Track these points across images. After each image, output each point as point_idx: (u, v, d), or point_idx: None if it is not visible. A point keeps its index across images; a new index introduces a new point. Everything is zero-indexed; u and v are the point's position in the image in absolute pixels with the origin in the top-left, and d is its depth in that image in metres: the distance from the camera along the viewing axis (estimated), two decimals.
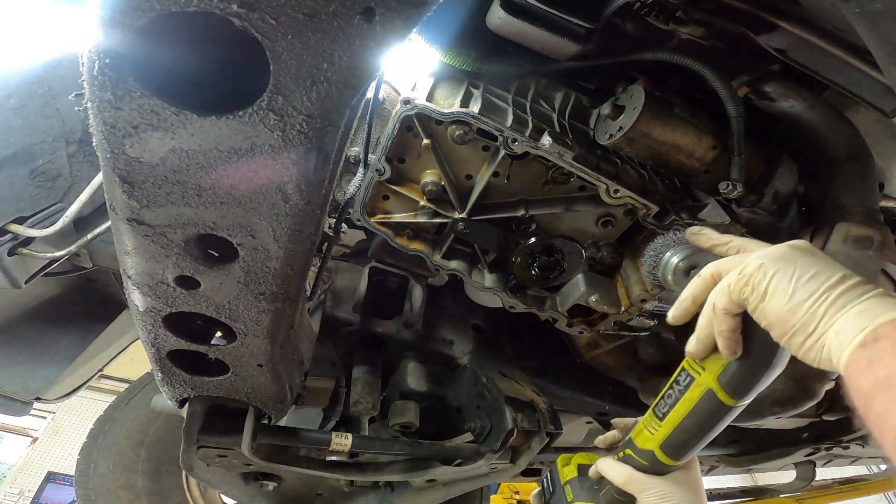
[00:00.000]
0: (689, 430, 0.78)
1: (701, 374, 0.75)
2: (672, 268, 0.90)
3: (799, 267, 0.60)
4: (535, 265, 1.21)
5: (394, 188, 1.15)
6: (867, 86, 0.94)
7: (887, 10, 0.60)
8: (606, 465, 0.88)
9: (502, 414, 1.36)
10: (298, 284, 0.82)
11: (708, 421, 0.77)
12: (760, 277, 0.62)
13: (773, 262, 0.62)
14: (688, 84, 1.11)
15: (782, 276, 0.60)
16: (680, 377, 0.80)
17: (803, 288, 0.58)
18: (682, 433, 0.79)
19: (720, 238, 0.80)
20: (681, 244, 0.90)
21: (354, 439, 1.25)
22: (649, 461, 0.83)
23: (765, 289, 0.62)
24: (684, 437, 0.79)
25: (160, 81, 0.50)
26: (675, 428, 0.79)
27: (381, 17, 0.47)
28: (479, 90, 1.06)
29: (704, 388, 0.75)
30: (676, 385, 0.80)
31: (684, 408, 0.78)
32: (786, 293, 0.60)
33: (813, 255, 0.62)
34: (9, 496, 6.52)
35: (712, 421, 0.77)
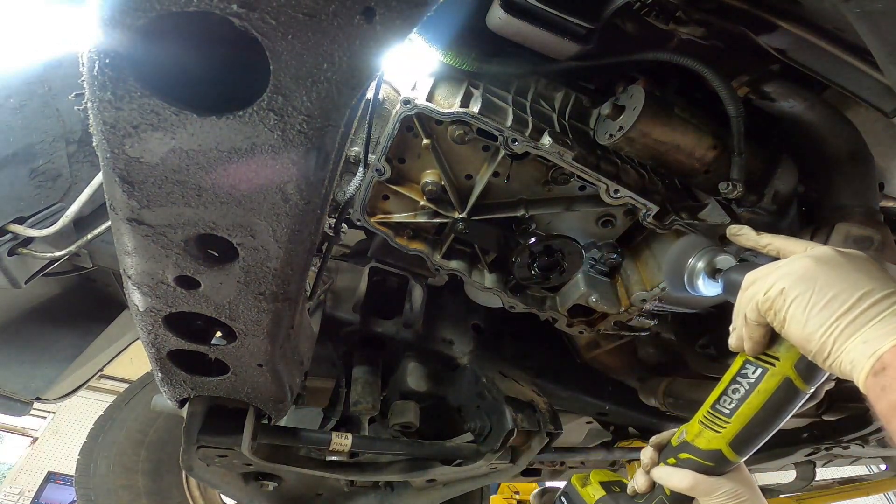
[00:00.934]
0: (762, 423, 0.78)
1: (776, 364, 0.75)
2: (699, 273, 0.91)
3: (816, 292, 0.63)
4: (535, 265, 1.21)
5: (394, 188, 1.15)
6: (867, 86, 0.94)
7: (887, 10, 0.60)
8: (665, 473, 0.85)
9: (502, 414, 1.36)
10: (298, 284, 0.82)
11: (783, 410, 0.77)
12: (780, 304, 0.67)
13: (792, 287, 0.65)
14: (688, 84, 1.11)
15: (798, 303, 0.64)
16: (746, 370, 0.79)
17: (816, 318, 0.63)
18: (754, 426, 0.78)
19: (759, 240, 0.82)
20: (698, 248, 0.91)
21: (354, 439, 1.25)
22: (715, 461, 0.81)
23: (783, 316, 0.67)
24: (756, 430, 0.78)
25: (160, 81, 0.50)
26: (747, 422, 0.78)
27: (381, 17, 0.47)
28: (479, 90, 1.06)
29: (781, 376, 0.75)
30: (743, 378, 0.79)
31: (758, 400, 0.77)
32: (801, 323, 0.64)
33: (834, 271, 0.64)
34: (9, 496, 6.52)
35: (787, 410, 0.77)
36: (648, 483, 0.88)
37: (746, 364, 0.79)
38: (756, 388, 0.77)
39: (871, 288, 0.61)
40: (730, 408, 0.79)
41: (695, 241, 0.93)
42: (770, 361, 0.76)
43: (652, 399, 1.68)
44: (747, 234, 0.85)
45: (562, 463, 1.88)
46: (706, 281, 0.88)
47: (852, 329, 0.60)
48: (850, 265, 0.65)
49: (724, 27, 0.97)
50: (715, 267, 0.89)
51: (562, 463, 1.88)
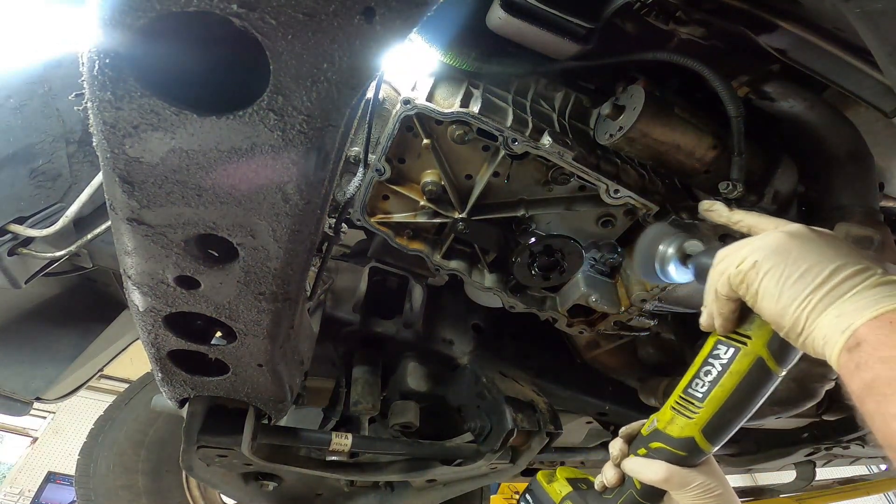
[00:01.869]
0: (735, 407, 0.74)
1: (748, 343, 0.71)
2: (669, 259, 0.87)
3: (790, 264, 0.61)
4: (535, 265, 1.21)
5: (394, 188, 1.15)
6: (867, 86, 0.94)
7: (887, 10, 0.60)
8: (637, 465, 0.81)
9: (502, 414, 1.36)
10: (298, 284, 0.82)
11: (756, 393, 0.73)
12: (753, 277, 0.64)
13: (766, 259, 0.63)
14: (688, 84, 1.11)
15: (772, 276, 0.62)
16: (717, 351, 0.75)
17: (789, 291, 0.60)
18: (727, 411, 0.74)
19: (730, 216, 0.80)
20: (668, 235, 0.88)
21: (354, 439, 1.25)
22: (688, 450, 0.77)
23: (756, 290, 0.63)
24: (729, 415, 0.74)
25: (160, 81, 0.50)
26: (720, 406, 0.74)
27: (381, 17, 0.47)
28: (479, 90, 1.06)
29: (754, 356, 0.71)
30: (715, 360, 0.75)
31: (731, 382, 0.73)
32: (774, 297, 0.61)
33: (808, 245, 0.62)
34: (9, 496, 6.52)
35: (760, 392, 0.73)
36: (618, 476, 0.85)
37: (718, 344, 0.75)
38: (728, 370, 0.73)
39: (844, 262, 0.58)
40: (702, 391, 0.75)
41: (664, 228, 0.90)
42: (742, 340, 0.72)
43: (652, 399, 1.68)
44: (719, 209, 0.83)
45: (562, 463, 1.88)
46: (677, 267, 0.85)
47: (826, 302, 0.57)
48: (823, 240, 0.63)
49: (724, 27, 0.97)
50: (685, 252, 0.85)
51: (562, 463, 1.88)
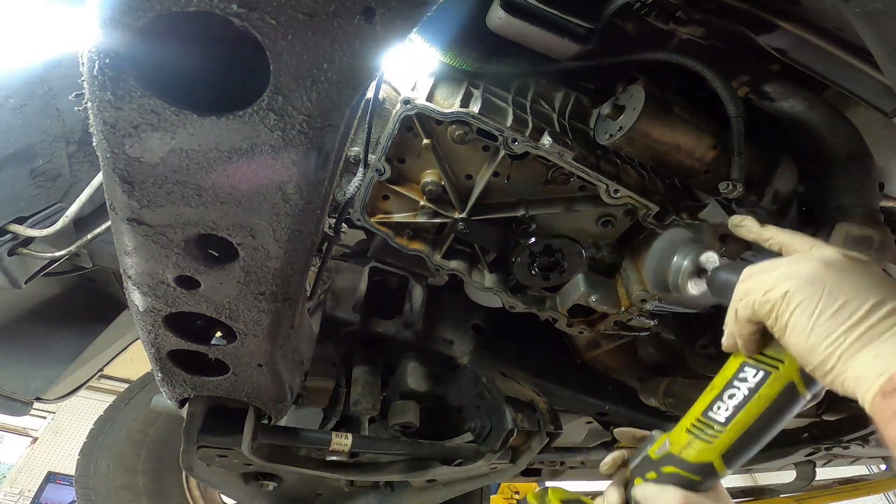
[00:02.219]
0: (759, 431, 0.70)
1: (780, 368, 0.68)
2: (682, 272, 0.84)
3: (824, 298, 0.57)
4: (535, 265, 1.21)
5: (394, 188, 1.15)
6: (867, 86, 0.94)
7: (887, 10, 0.60)
8: (650, 492, 0.75)
9: (502, 414, 1.36)
10: (298, 284, 0.82)
11: (782, 417, 0.69)
12: (783, 309, 0.60)
13: (798, 290, 0.59)
14: (688, 84, 1.11)
15: (804, 309, 0.58)
16: (744, 374, 0.71)
17: (822, 327, 0.57)
18: (751, 436, 0.70)
19: (761, 232, 0.76)
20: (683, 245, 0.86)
21: (354, 439, 1.25)
22: (703, 474, 0.73)
23: (785, 322, 0.60)
24: (753, 439, 0.71)
25: (160, 81, 0.50)
26: (744, 431, 0.70)
27: (381, 17, 0.47)
28: (479, 90, 1.06)
29: (785, 380, 0.68)
30: (741, 382, 0.71)
31: (758, 406, 0.69)
32: (804, 333, 0.58)
33: (844, 277, 0.59)
34: (9, 496, 6.52)
35: (785, 417, 0.69)
36: (622, 500, 0.80)
37: (745, 367, 0.72)
38: (757, 394, 0.69)
39: (883, 297, 0.55)
40: (725, 415, 0.71)
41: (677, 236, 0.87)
42: (773, 365, 0.69)
43: (652, 399, 1.68)
44: (749, 225, 0.78)
45: (562, 463, 1.88)
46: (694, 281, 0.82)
47: (862, 343, 0.54)
48: (860, 272, 0.59)
49: (724, 27, 0.97)
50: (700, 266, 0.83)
51: (562, 463, 1.88)
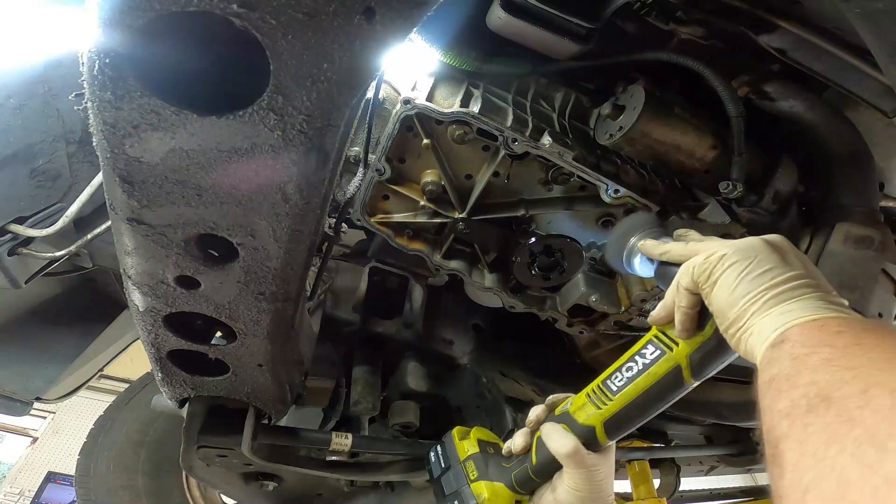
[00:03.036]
0: (640, 408, 0.75)
1: (675, 350, 0.72)
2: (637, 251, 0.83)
3: (756, 262, 0.61)
4: (535, 265, 1.21)
5: (394, 188, 1.15)
6: (867, 86, 0.94)
7: (887, 10, 0.60)
8: (554, 430, 0.81)
9: (502, 414, 1.36)
10: (298, 284, 0.82)
11: (662, 399, 0.74)
12: (717, 266, 0.63)
13: (735, 254, 0.63)
14: (688, 84, 1.11)
15: (735, 268, 0.61)
16: (646, 350, 0.75)
17: (746, 284, 0.60)
18: (632, 409, 0.75)
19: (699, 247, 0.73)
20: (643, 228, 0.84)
21: (354, 439, 1.25)
22: (586, 439, 0.78)
23: (715, 279, 0.63)
24: (632, 414, 0.76)
25: (160, 81, 0.50)
26: (628, 403, 0.75)
27: (382, 17, 0.47)
28: (480, 90, 1.06)
29: (673, 363, 0.72)
30: (640, 358, 0.75)
31: (645, 382, 0.74)
32: (729, 287, 0.61)
33: (778, 252, 0.62)
34: (9, 496, 6.51)
35: (665, 400, 0.74)
36: (525, 445, 0.86)
37: (649, 343, 0.76)
38: (648, 371, 0.74)
39: (805, 273, 0.59)
40: (618, 385, 0.76)
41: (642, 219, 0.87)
42: (669, 346, 0.73)
43: None
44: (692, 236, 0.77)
45: None
46: (643, 261, 0.83)
47: (774, 302, 0.57)
48: (795, 254, 0.63)
49: (724, 27, 0.97)
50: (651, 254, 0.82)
51: None
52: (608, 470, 0.80)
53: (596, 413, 0.78)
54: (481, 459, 0.90)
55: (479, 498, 0.86)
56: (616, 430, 0.78)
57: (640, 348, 0.77)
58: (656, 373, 0.73)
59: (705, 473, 2.83)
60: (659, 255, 0.76)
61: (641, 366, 0.75)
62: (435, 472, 0.94)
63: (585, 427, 0.78)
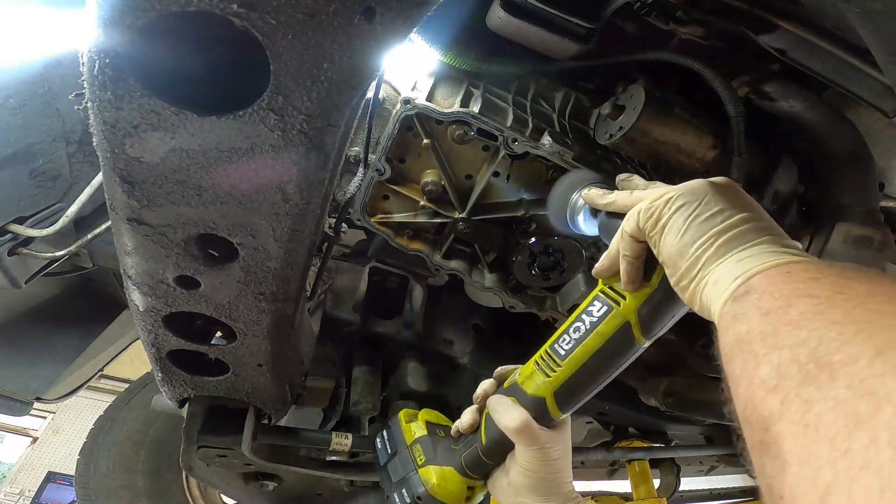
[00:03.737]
0: (591, 373, 0.68)
1: (622, 303, 0.65)
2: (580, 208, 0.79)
3: (704, 204, 0.55)
4: (535, 265, 1.21)
5: (394, 188, 1.15)
6: (867, 86, 0.94)
7: (887, 10, 0.60)
8: (500, 404, 0.74)
9: None
10: (298, 284, 0.82)
11: (614, 361, 0.67)
12: (664, 211, 0.58)
13: (682, 196, 0.57)
14: (688, 84, 1.11)
15: (683, 212, 0.56)
16: (592, 307, 0.68)
17: (695, 228, 0.54)
18: (583, 376, 0.68)
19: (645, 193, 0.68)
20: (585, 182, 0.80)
21: (354, 439, 1.25)
22: (537, 411, 0.70)
23: (664, 224, 0.57)
24: (584, 381, 0.68)
25: (160, 81, 0.50)
26: (578, 368, 0.67)
27: (382, 17, 0.47)
28: (480, 90, 1.06)
29: (622, 319, 0.65)
30: (587, 316, 0.68)
31: (594, 343, 0.66)
32: (678, 233, 0.55)
33: (726, 194, 0.57)
34: (9, 496, 6.51)
35: (618, 362, 0.67)
36: (473, 422, 0.79)
37: (595, 300, 0.68)
38: (596, 330, 0.66)
39: (757, 215, 0.54)
40: (566, 349, 0.68)
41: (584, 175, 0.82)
42: (616, 300, 0.66)
43: (652, 399, 1.68)
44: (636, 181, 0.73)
45: None
46: (587, 218, 0.77)
47: (728, 247, 0.51)
48: (741, 194, 0.58)
49: (724, 27, 0.97)
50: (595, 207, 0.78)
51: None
52: (564, 448, 0.73)
53: (545, 382, 0.70)
54: (429, 443, 0.82)
55: (427, 484, 0.78)
56: (568, 401, 0.70)
57: (586, 306, 0.69)
58: (605, 332, 0.66)
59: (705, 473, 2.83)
60: (604, 205, 0.70)
61: (589, 325, 0.67)
62: (381, 458, 0.86)
63: (535, 398, 0.71)
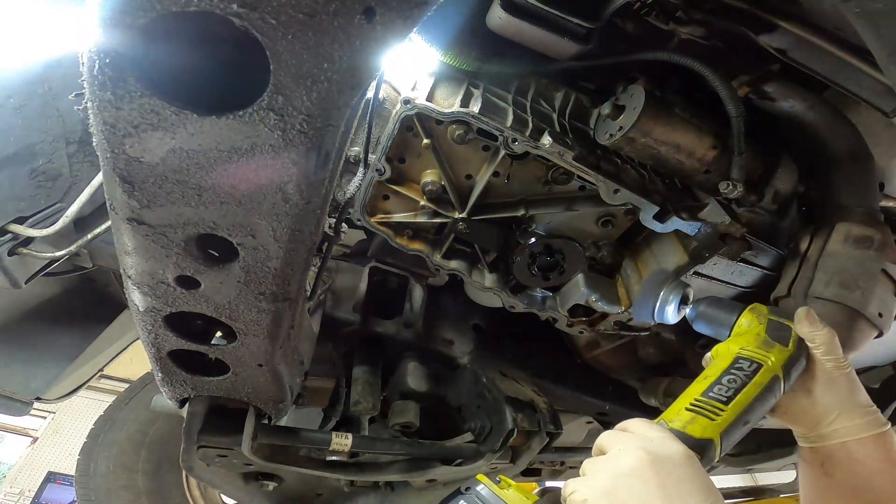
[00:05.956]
0: (751, 413, 0.78)
1: (770, 362, 0.82)
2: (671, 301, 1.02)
3: None
4: (535, 265, 1.21)
5: (394, 188, 1.15)
6: (867, 86, 0.94)
7: (887, 10, 0.60)
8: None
9: (502, 414, 1.36)
10: (298, 284, 0.82)
11: (764, 408, 0.80)
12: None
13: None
14: (688, 84, 1.11)
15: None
16: (740, 364, 0.83)
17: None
18: (745, 416, 0.78)
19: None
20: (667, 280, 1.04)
21: (354, 439, 1.25)
22: (703, 452, 0.74)
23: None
24: (745, 420, 0.78)
25: (160, 81, 0.50)
26: (741, 411, 0.78)
27: (382, 17, 0.47)
28: (480, 90, 1.06)
29: (772, 373, 0.81)
30: (738, 371, 0.82)
31: (753, 391, 0.79)
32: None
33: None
34: (9, 496, 6.51)
35: (766, 409, 0.80)
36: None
37: (740, 359, 0.84)
38: (752, 381, 0.80)
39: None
40: (727, 395, 0.79)
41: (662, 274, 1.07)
42: (764, 359, 0.82)
43: (652, 399, 1.68)
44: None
45: (562, 463, 1.88)
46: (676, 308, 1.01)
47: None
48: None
49: (724, 27, 0.97)
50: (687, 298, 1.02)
51: (562, 463, 1.88)
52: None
53: (712, 424, 0.77)
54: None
55: None
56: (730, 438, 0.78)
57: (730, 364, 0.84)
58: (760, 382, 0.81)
59: None
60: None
61: (744, 377, 0.81)
62: None
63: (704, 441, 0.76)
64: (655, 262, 1.22)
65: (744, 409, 0.78)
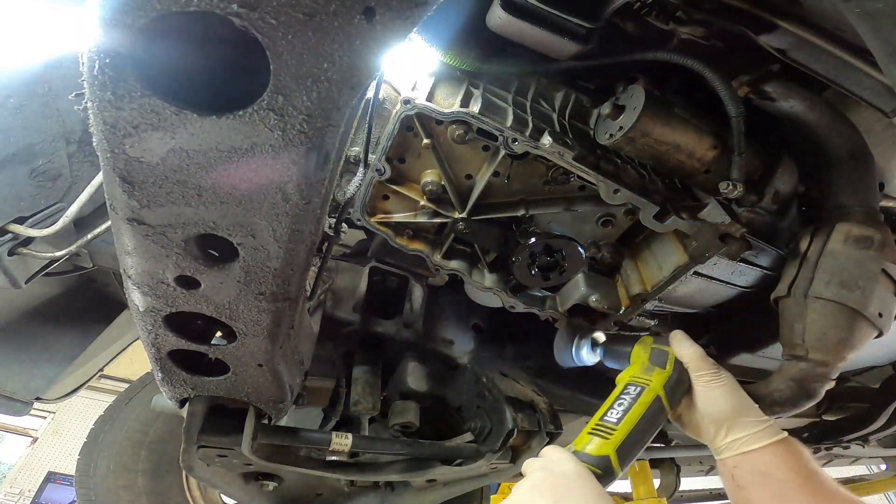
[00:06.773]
0: (640, 433, 0.93)
1: (650, 384, 0.99)
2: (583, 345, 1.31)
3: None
4: (535, 265, 1.21)
5: (394, 188, 1.15)
6: (867, 86, 0.94)
7: (887, 10, 0.60)
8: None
9: (502, 414, 1.36)
10: (298, 284, 0.82)
11: (654, 424, 0.96)
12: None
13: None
14: (688, 84, 1.11)
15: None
16: (628, 389, 1.01)
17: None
18: (635, 435, 0.92)
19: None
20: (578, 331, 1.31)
21: (354, 439, 1.25)
22: (603, 468, 0.88)
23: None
24: (636, 438, 0.92)
25: (160, 81, 0.50)
26: (631, 429, 0.92)
27: (382, 17, 0.47)
28: (480, 90, 1.06)
29: (654, 394, 0.97)
30: (626, 395, 0.99)
31: (638, 411, 0.95)
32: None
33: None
34: (9, 496, 6.51)
35: (656, 424, 0.96)
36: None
37: (629, 386, 1.01)
38: (637, 401, 0.96)
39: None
40: (617, 417, 0.94)
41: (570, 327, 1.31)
42: (645, 383, 1.00)
43: None
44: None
45: None
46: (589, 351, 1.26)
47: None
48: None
49: (724, 27, 0.97)
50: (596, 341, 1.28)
51: None
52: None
53: (605, 443, 0.91)
54: None
55: None
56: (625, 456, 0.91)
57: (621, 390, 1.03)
58: (644, 402, 0.97)
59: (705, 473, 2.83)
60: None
61: (630, 399, 0.98)
62: None
63: (601, 457, 0.89)
64: (655, 262, 1.22)
65: (633, 427, 0.92)
